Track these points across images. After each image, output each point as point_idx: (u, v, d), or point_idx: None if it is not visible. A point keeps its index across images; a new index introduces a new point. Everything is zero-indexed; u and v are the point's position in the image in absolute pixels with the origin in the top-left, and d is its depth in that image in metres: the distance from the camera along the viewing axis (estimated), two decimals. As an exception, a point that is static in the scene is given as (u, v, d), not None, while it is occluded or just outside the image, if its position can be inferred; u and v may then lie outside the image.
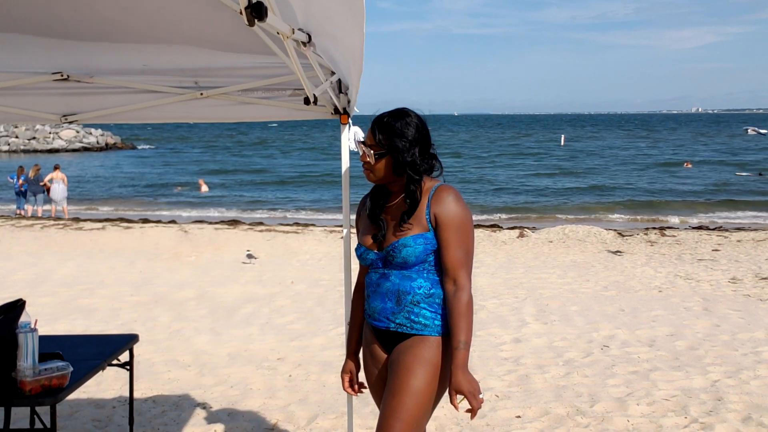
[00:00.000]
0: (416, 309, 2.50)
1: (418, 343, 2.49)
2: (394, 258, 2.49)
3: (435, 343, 2.49)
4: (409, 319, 2.50)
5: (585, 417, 4.59)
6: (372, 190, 2.68)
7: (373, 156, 2.51)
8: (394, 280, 2.52)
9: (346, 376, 2.79)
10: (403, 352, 2.49)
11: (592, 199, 24.88)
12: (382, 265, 2.56)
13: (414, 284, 2.50)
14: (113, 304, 8.18)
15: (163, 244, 13.05)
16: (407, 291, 2.50)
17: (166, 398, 4.97)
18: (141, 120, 3.86)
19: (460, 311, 2.42)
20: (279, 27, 1.90)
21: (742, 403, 4.82)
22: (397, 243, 2.48)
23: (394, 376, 2.48)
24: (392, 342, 2.57)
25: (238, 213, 21.50)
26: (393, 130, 2.49)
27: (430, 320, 2.50)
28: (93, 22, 2.71)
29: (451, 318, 2.44)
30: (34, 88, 3.59)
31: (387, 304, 2.54)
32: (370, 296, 2.61)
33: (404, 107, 2.58)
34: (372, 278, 2.61)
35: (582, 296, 8.56)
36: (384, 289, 2.54)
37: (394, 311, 2.52)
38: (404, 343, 2.52)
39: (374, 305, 2.58)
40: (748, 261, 11.11)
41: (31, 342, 2.82)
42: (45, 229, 15.16)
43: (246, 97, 3.65)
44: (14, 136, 48.45)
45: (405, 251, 2.47)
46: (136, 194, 27.51)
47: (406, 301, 2.50)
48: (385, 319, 2.54)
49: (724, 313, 7.62)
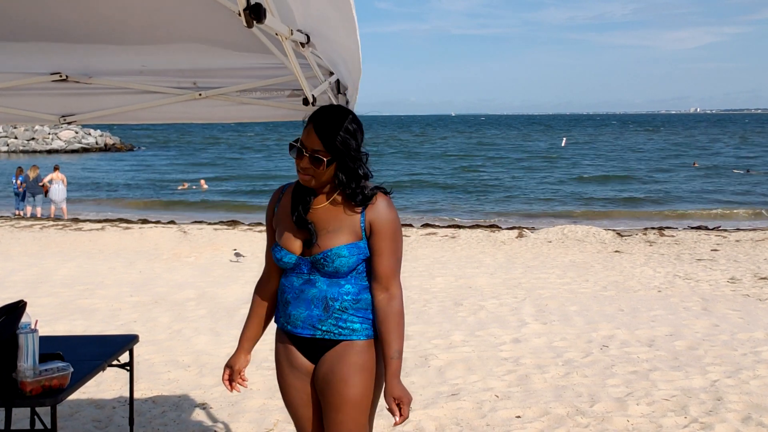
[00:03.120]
0: (344, 315, 2.40)
1: (348, 350, 2.41)
2: (324, 266, 2.37)
3: (365, 346, 2.42)
4: (336, 325, 2.40)
5: (585, 417, 4.59)
6: (294, 188, 2.50)
7: (325, 163, 2.31)
8: (321, 287, 2.40)
9: (227, 370, 2.64)
10: (335, 362, 2.40)
11: (593, 199, 24.90)
12: (307, 271, 2.42)
13: (342, 290, 2.40)
14: (113, 304, 8.17)
15: (162, 245, 13.05)
16: (335, 297, 2.39)
17: (166, 399, 4.97)
18: (140, 120, 3.86)
19: (393, 320, 2.38)
20: (278, 28, 1.90)
21: (742, 402, 4.83)
22: (330, 252, 2.36)
23: (331, 389, 2.40)
24: (316, 350, 2.46)
25: (237, 213, 21.49)
26: (341, 135, 2.30)
27: (359, 325, 2.42)
28: (91, 24, 2.71)
29: (384, 327, 2.38)
30: (33, 88, 3.59)
31: (313, 312, 2.41)
32: (291, 302, 2.45)
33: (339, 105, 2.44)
34: (293, 283, 2.45)
35: (581, 296, 8.57)
36: (309, 295, 2.41)
37: (321, 318, 2.40)
38: (333, 352, 2.42)
39: (296, 312, 2.43)
40: (747, 261, 11.12)
41: (31, 343, 2.82)
42: (44, 230, 15.15)
43: (245, 98, 3.65)
44: (13, 136, 48.41)
45: (339, 261, 2.36)
46: (134, 195, 27.50)
47: (334, 308, 2.39)
48: (311, 326, 2.42)
49: (724, 312, 7.63)
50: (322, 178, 2.35)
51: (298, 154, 2.35)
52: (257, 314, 2.62)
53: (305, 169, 2.34)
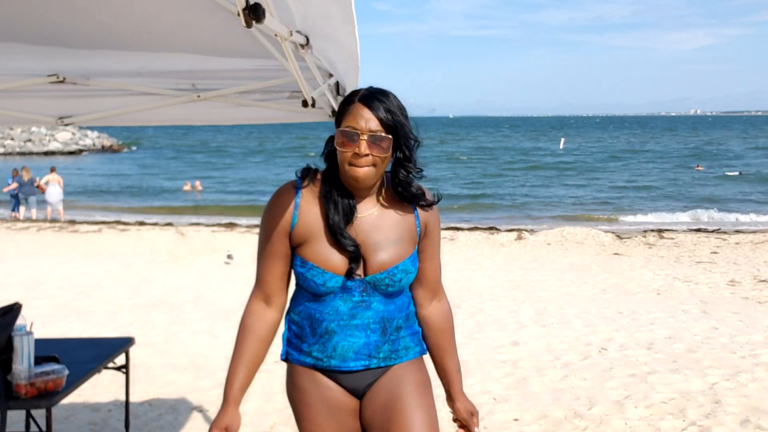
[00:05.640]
0: (399, 334, 2.06)
1: (407, 371, 2.06)
2: (389, 286, 1.98)
3: (420, 363, 2.12)
4: (393, 349, 2.05)
5: (583, 420, 4.58)
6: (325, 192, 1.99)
7: (388, 143, 1.91)
8: (378, 307, 2.00)
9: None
10: (396, 388, 2.02)
11: (591, 201, 24.90)
12: (359, 293, 2.00)
13: (396, 307, 2.05)
14: (109, 306, 8.15)
15: (159, 247, 13.02)
16: (391, 317, 2.03)
17: (163, 401, 4.95)
18: (137, 122, 3.85)
19: (451, 330, 2.13)
20: (277, 29, 1.88)
21: (740, 405, 4.81)
22: (395, 269, 1.98)
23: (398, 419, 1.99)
24: (362, 382, 2.05)
25: (234, 216, 21.47)
26: (399, 113, 1.94)
27: (409, 340, 2.10)
28: (89, 29, 2.69)
29: (442, 338, 2.11)
30: (30, 90, 3.58)
31: (371, 338, 2.00)
32: (336, 332, 1.99)
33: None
34: (337, 309, 1.99)
35: (580, 299, 8.56)
36: (364, 319, 1.99)
37: (378, 344, 2.02)
38: (388, 378, 2.04)
39: (346, 343, 1.99)
40: (747, 263, 11.12)
41: (26, 345, 2.81)
42: (41, 232, 15.12)
43: (243, 100, 3.64)
44: (10, 138, 48.36)
45: (406, 279, 2.01)
46: (132, 196, 27.48)
47: (391, 329, 2.04)
48: (366, 356, 2.01)
49: (723, 315, 7.62)
50: (382, 170, 1.95)
51: (352, 138, 1.89)
52: (250, 356, 2.03)
53: (365, 158, 1.89)
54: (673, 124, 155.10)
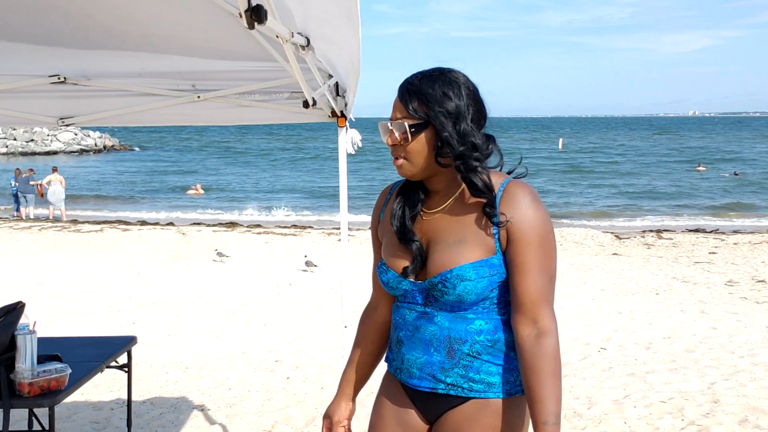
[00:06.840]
0: (476, 363, 1.74)
1: (481, 412, 1.75)
2: (443, 294, 1.72)
3: (505, 407, 1.75)
4: (466, 377, 1.74)
5: (582, 419, 4.60)
6: (402, 186, 1.86)
7: (408, 130, 1.69)
8: (442, 323, 1.75)
9: (326, 421, 2.00)
10: (461, 427, 1.76)
11: (593, 201, 24.91)
12: (422, 301, 1.78)
13: (471, 328, 1.74)
14: (112, 306, 8.18)
15: (161, 247, 13.05)
16: (462, 338, 1.74)
17: (165, 400, 4.97)
18: (138, 123, 3.87)
19: (546, 367, 1.66)
20: (278, 30, 1.91)
21: (739, 405, 4.83)
22: (449, 274, 1.70)
23: None
24: (436, 406, 1.81)
25: (235, 215, 21.49)
26: (434, 92, 1.68)
27: (497, 377, 1.75)
28: (90, 30, 2.72)
29: (532, 376, 1.66)
30: (31, 90, 3.60)
31: (434, 357, 1.76)
32: (403, 342, 1.82)
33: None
34: (405, 316, 1.82)
35: (579, 299, 8.58)
36: (427, 334, 1.77)
37: (444, 366, 1.75)
38: (460, 413, 1.77)
39: (410, 356, 1.81)
40: (745, 264, 11.14)
41: (29, 344, 2.83)
42: (43, 231, 15.15)
43: (244, 100, 3.66)
44: (12, 138, 48.39)
45: (462, 287, 1.69)
46: (134, 196, 27.50)
47: (462, 353, 1.74)
48: (430, 377, 1.77)
49: (721, 315, 7.64)
50: (419, 158, 1.71)
51: (382, 130, 1.76)
52: (362, 351, 2.00)
53: (394, 149, 1.74)
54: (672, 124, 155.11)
